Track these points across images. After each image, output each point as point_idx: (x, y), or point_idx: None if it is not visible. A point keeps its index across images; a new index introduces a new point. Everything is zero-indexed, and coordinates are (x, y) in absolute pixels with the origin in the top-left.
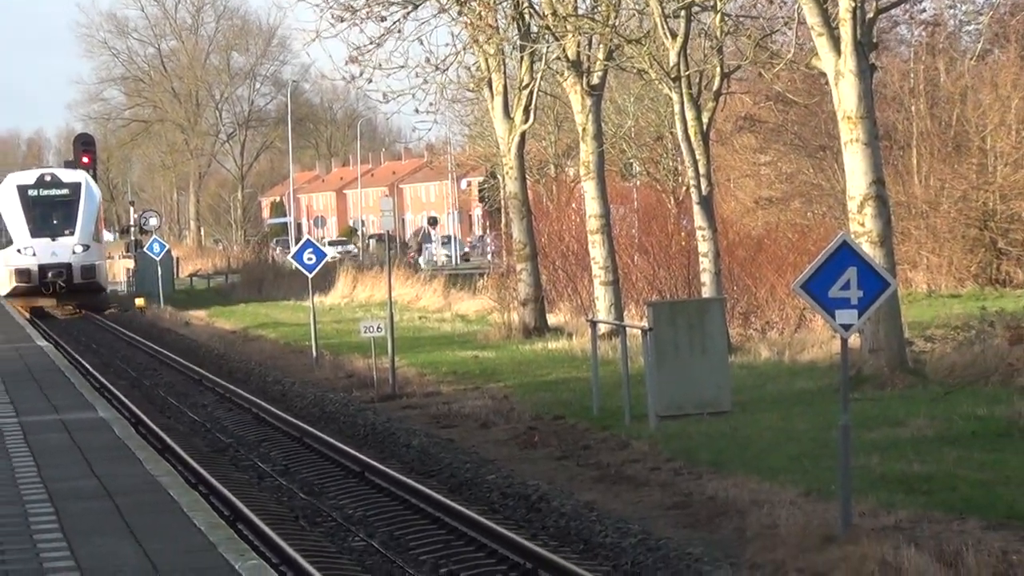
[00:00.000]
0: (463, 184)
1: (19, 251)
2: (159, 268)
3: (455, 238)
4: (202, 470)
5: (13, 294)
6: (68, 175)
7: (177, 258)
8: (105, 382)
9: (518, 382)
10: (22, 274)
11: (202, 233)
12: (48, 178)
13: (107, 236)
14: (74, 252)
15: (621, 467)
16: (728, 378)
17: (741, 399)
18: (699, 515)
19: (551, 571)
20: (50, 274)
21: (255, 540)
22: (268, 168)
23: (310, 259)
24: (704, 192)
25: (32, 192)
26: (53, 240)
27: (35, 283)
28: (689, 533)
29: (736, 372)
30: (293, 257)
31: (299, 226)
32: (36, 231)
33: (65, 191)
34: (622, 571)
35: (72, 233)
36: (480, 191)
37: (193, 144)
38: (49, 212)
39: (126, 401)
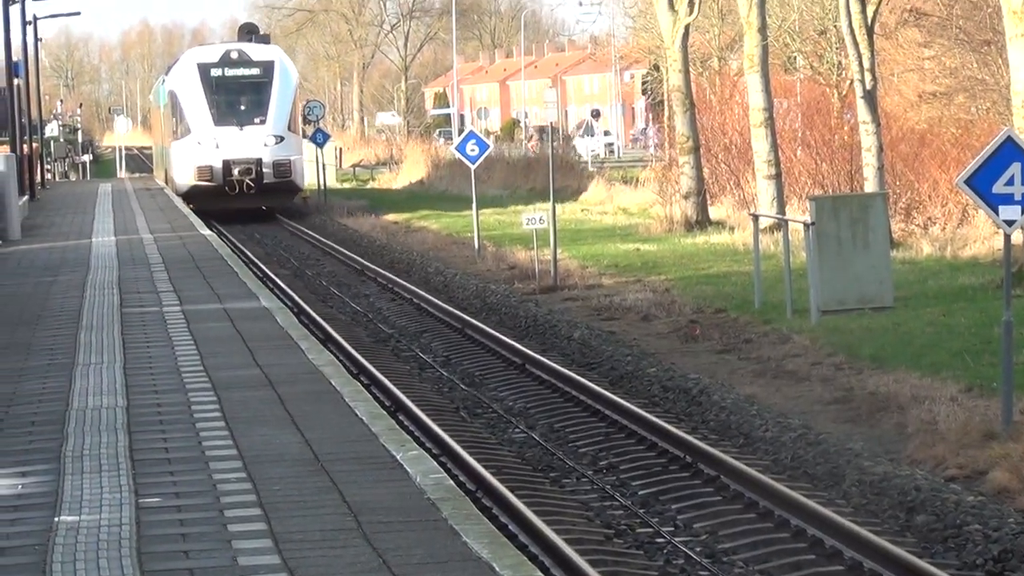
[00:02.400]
0: (626, 77)
1: (199, 143)
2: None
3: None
4: (364, 360)
5: (191, 194)
6: (259, 51)
7: (340, 148)
8: (268, 271)
9: (679, 275)
10: (203, 171)
11: (365, 124)
12: (235, 55)
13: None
14: (266, 144)
15: (782, 361)
16: (890, 273)
17: (903, 294)
18: (859, 410)
19: (711, 465)
20: (236, 171)
21: (416, 431)
22: (431, 59)
23: (473, 150)
24: (868, 86)
25: (216, 71)
26: (240, 130)
27: (218, 182)
28: (849, 428)
29: (898, 267)
30: (456, 148)
31: (462, 117)
32: (220, 119)
33: (256, 71)
34: (782, 465)
35: (264, 122)
36: (643, 84)
37: (357, 35)
38: (236, 96)
39: (288, 291)
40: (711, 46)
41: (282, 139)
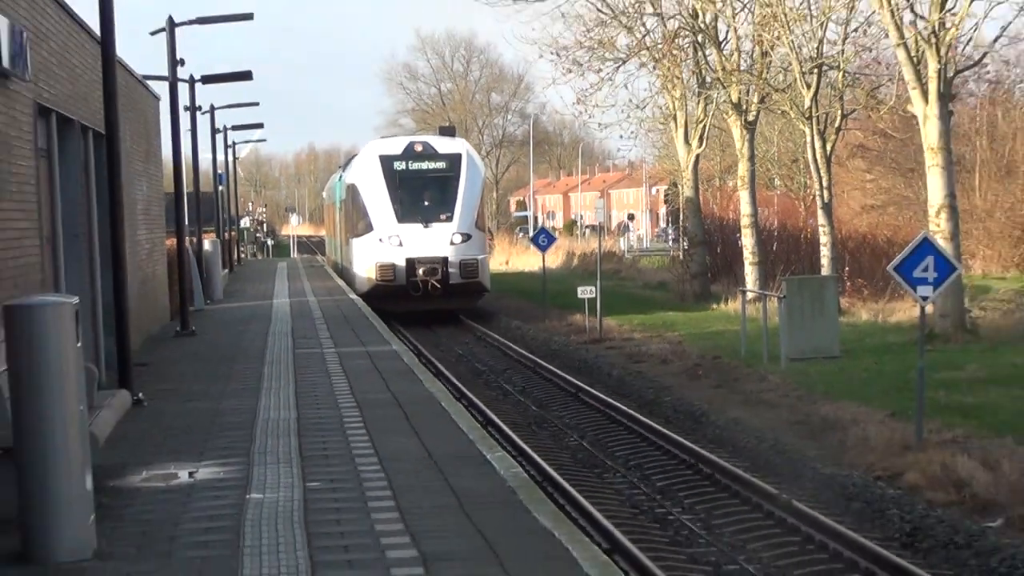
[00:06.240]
0: (653, 191)
1: (380, 240)
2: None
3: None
4: (464, 388)
5: (372, 295)
6: (445, 144)
7: None
8: (398, 327)
9: (688, 332)
10: (385, 270)
11: None
12: (419, 147)
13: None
14: (452, 243)
15: (760, 394)
16: (838, 332)
17: (846, 347)
18: (814, 429)
19: (707, 465)
20: (421, 271)
21: (500, 439)
22: (515, 176)
23: (544, 241)
24: (826, 200)
25: (399, 164)
26: (426, 227)
27: (401, 282)
28: (807, 442)
29: (844, 329)
30: (532, 240)
31: (536, 218)
32: (404, 215)
33: (441, 164)
34: (758, 466)
35: (450, 219)
36: (665, 196)
37: None
38: (421, 191)
39: (411, 339)
40: (714, 169)
41: (469, 237)
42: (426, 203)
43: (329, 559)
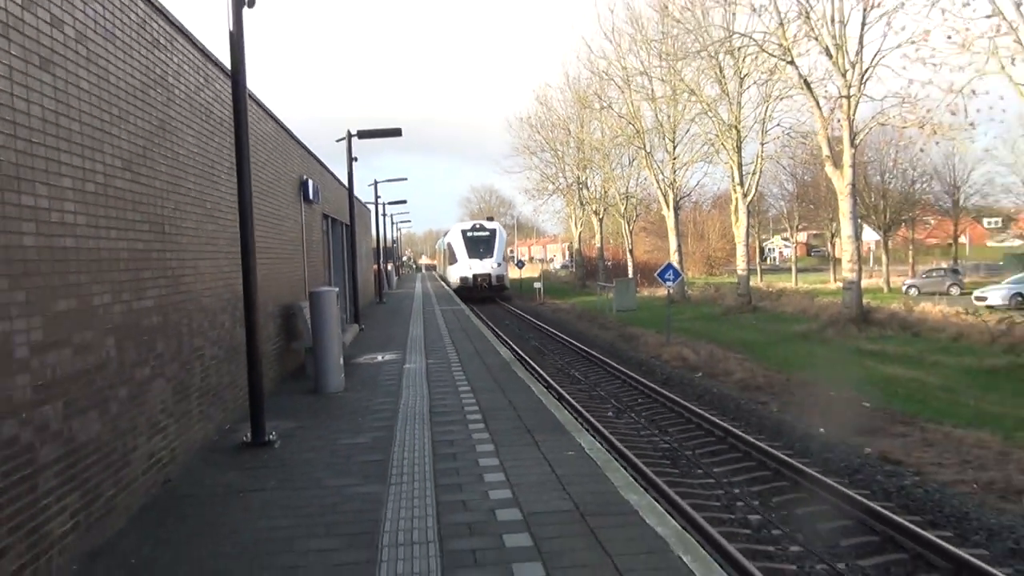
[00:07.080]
0: (564, 245)
1: (461, 267)
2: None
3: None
4: (491, 324)
5: (457, 291)
6: (489, 224)
7: None
8: (468, 302)
9: (577, 301)
10: (464, 279)
11: None
12: (478, 226)
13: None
14: (492, 268)
15: (605, 325)
16: (636, 300)
17: (641, 306)
18: (627, 338)
19: (584, 353)
20: (479, 280)
21: (504, 344)
22: (509, 240)
23: (520, 265)
24: (631, 249)
25: (469, 233)
26: (481, 260)
27: (470, 285)
28: (625, 343)
29: (638, 299)
30: (516, 265)
31: (517, 257)
32: (471, 255)
33: (487, 233)
34: (605, 352)
35: (491, 256)
36: (568, 247)
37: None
38: (478, 244)
39: (472, 306)
40: (587, 236)
41: (500, 265)
42: (481, 250)
43: (437, 391)
